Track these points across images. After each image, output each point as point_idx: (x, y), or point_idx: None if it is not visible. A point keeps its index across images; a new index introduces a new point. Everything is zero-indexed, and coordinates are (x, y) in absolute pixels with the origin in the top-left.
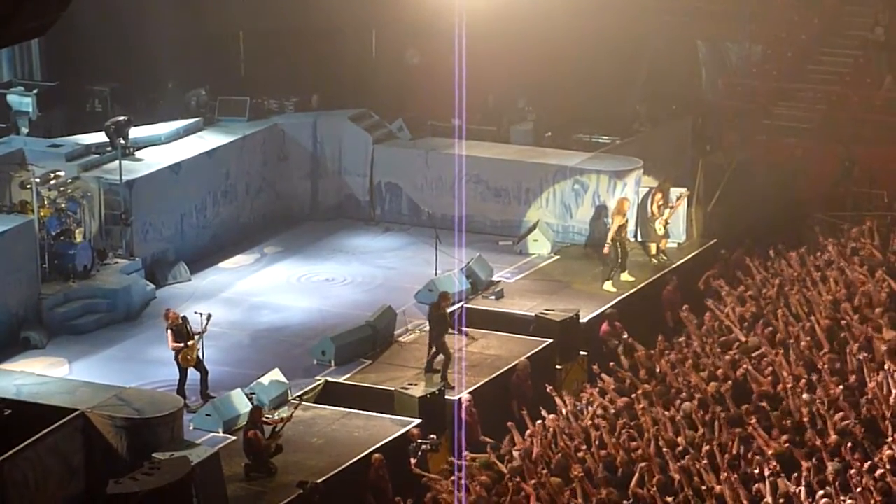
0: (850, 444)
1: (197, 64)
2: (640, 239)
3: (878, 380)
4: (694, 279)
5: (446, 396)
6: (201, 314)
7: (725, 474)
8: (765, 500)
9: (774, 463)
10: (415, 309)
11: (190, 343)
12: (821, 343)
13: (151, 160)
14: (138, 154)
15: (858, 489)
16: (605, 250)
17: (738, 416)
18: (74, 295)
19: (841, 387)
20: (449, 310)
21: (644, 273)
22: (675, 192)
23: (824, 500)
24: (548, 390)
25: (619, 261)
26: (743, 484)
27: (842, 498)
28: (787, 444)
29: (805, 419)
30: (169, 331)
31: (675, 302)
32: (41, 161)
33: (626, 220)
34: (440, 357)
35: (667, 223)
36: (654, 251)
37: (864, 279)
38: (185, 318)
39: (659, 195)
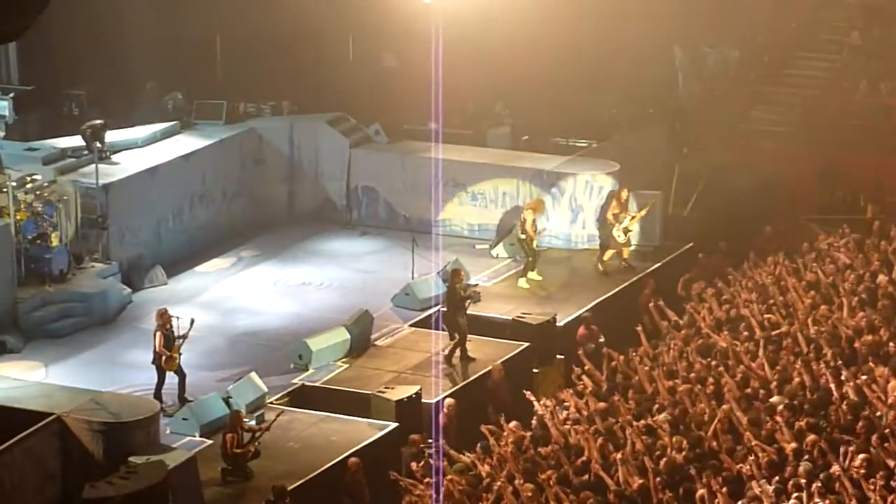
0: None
1: (174, 68)
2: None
3: (851, 385)
4: (671, 283)
5: (423, 399)
6: (179, 318)
7: (706, 479)
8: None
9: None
10: (391, 313)
11: (173, 348)
12: (795, 347)
13: (128, 164)
14: (115, 158)
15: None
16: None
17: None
18: (51, 299)
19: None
20: (460, 285)
21: (620, 277)
22: (647, 195)
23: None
24: (526, 395)
25: (529, 258)
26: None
27: (816, 500)
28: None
29: (777, 422)
30: (159, 333)
31: (652, 306)
32: (17, 164)
33: (534, 219)
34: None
35: (628, 231)
36: (607, 257)
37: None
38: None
39: (614, 202)
